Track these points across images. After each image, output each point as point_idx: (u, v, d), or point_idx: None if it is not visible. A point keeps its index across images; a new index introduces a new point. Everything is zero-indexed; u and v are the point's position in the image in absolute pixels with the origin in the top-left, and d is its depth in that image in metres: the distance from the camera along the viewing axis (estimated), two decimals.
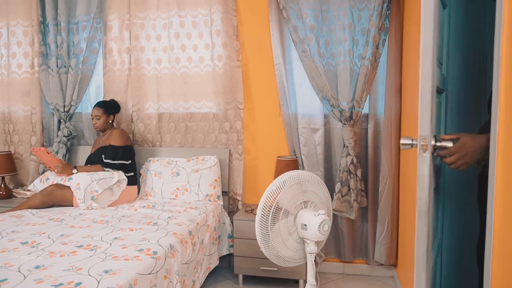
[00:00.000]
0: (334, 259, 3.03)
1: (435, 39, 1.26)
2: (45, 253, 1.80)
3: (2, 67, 3.44)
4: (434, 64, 1.26)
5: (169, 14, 3.10)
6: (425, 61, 1.24)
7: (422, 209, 1.25)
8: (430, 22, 1.26)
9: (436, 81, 1.34)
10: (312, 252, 1.81)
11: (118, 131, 2.98)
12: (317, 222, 1.73)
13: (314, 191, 1.87)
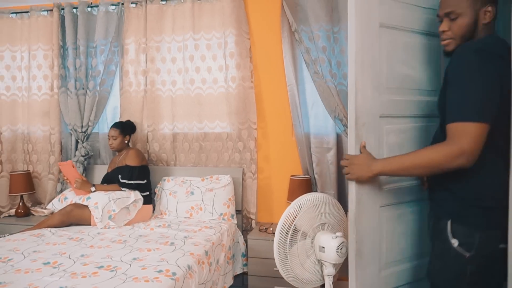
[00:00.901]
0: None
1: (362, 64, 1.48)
2: (67, 274, 1.84)
3: (22, 89, 3.55)
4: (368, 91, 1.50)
5: (184, 37, 3.20)
6: (353, 92, 1.48)
7: (352, 219, 1.49)
8: (352, 49, 1.47)
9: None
10: (330, 274, 1.83)
11: (134, 151, 3.05)
12: (335, 245, 1.75)
13: (331, 213, 1.90)
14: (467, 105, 1.17)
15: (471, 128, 1.15)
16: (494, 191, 1.23)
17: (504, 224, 1.17)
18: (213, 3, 3.13)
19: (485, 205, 1.23)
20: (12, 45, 3.57)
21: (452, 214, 1.28)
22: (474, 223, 1.23)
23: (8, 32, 3.56)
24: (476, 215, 1.23)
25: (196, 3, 3.16)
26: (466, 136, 1.15)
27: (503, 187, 1.18)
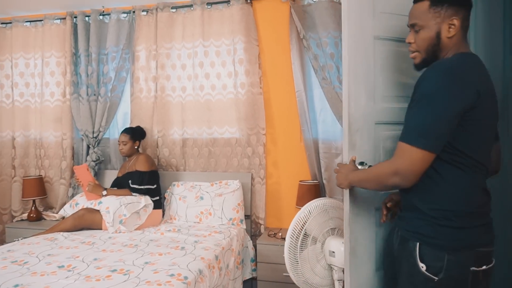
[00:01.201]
0: None
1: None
2: (82, 277, 1.88)
3: (35, 96, 3.63)
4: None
5: (194, 44, 3.25)
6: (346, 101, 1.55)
7: (346, 220, 1.54)
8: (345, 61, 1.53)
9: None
10: (340, 279, 1.84)
11: (144, 157, 3.09)
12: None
13: (341, 218, 1.92)
14: (415, 129, 1.15)
15: (411, 151, 1.14)
16: (463, 210, 1.16)
17: (476, 245, 1.13)
18: (222, 10, 3.18)
19: (454, 225, 1.15)
20: (26, 52, 3.65)
21: (420, 235, 1.21)
22: (442, 245, 1.16)
23: (23, 40, 3.64)
24: (444, 236, 1.16)
25: (205, 11, 3.21)
26: (404, 158, 1.15)
27: (473, 206, 1.15)
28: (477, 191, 1.18)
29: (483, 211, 1.19)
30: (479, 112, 1.13)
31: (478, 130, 1.16)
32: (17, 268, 2.01)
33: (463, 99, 1.12)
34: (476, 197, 1.18)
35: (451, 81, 1.13)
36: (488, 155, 1.23)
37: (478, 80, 1.16)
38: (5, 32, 3.71)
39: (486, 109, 1.16)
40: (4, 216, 3.70)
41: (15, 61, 3.67)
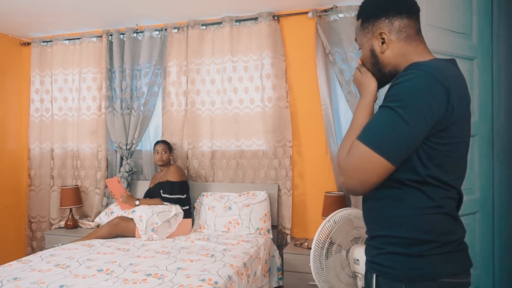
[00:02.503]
0: None
1: None
2: (120, 280, 2.00)
3: (73, 110, 3.84)
4: None
5: (223, 60, 3.39)
6: None
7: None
8: None
9: None
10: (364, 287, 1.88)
11: (175, 168, 3.23)
12: None
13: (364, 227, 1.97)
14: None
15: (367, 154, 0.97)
16: (422, 238, 1.00)
17: (438, 274, 0.99)
18: (250, 27, 3.32)
19: (412, 253, 1.00)
20: (65, 68, 3.88)
21: (376, 266, 1.08)
22: (398, 275, 1.01)
23: (62, 57, 3.88)
24: (401, 265, 1.01)
25: (234, 28, 3.35)
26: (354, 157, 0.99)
27: (434, 234, 1.00)
28: (440, 218, 1.01)
29: (448, 239, 1.01)
30: (450, 129, 0.98)
31: (456, 153, 1.01)
32: (60, 270, 2.15)
33: (437, 106, 0.95)
34: (440, 224, 1.01)
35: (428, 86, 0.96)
36: (461, 178, 1.07)
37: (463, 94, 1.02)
38: (46, 50, 3.96)
39: (458, 125, 0.99)
40: (42, 223, 3.91)
41: (54, 77, 3.90)
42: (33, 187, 3.94)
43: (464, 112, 1.00)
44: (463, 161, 1.06)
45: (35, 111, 3.96)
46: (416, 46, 1.09)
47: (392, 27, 1.08)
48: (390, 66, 1.12)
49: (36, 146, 3.94)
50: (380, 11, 1.09)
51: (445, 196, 1.02)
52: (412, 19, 1.09)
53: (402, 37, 1.08)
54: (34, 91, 3.97)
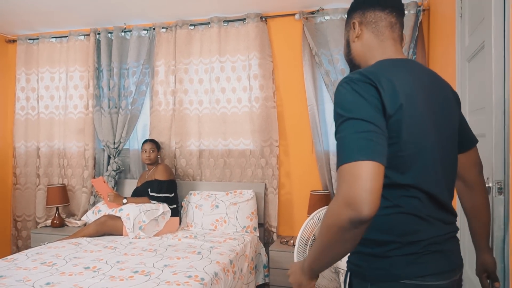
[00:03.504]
0: None
1: None
2: (107, 277, 2.02)
3: (59, 108, 3.83)
4: None
5: (211, 60, 3.42)
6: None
7: (499, 246, 1.40)
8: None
9: None
10: None
11: (163, 167, 3.25)
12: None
13: None
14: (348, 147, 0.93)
15: (354, 169, 0.87)
16: (384, 239, 0.99)
17: (402, 276, 0.97)
18: (238, 28, 3.36)
19: (376, 253, 1.00)
20: (52, 67, 3.86)
21: (350, 265, 1.08)
22: (365, 275, 1.02)
23: (48, 55, 3.86)
24: (367, 265, 1.01)
25: (222, 28, 3.39)
26: (350, 180, 0.87)
27: (396, 234, 0.98)
28: (399, 218, 0.98)
29: (411, 239, 0.98)
30: (403, 125, 0.95)
31: (406, 152, 0.97)
32: (47, 268, 2.16)
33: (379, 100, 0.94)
34: (399, 224, 0.99)
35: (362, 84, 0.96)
36: (423, 176, 1.00)
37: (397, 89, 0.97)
38: (32, 48, 3.93)
39: (395, 124, 0.95)
40: (28, 222, 3.88)
41: (41, 75, 3.88)
42: (19, 185, 3.91)
43: (404, 110, 0.95)
44: (418, 160, 0.99)
45: (20, 109, 3.93)
46: (382, 40, 1.12)
47: (363, 17, 1.13)
48: (359, 58, 1.16)
49: (21, 145, 3.91)
50: (357, 6, 1.16)
51: (403, 195, 0.98)
52: (386, 13, 1.12)
53: (371, 28, 1.13)
54: (20, 89, 3.94)
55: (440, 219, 1.02)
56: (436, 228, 1.01)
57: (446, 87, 1.14)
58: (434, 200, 1.01)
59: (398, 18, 1.14)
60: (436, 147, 1.03)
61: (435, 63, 2.74)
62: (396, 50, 1.12)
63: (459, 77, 2.02)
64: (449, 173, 1.09)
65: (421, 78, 1.06)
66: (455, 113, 1.14)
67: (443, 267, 1.00)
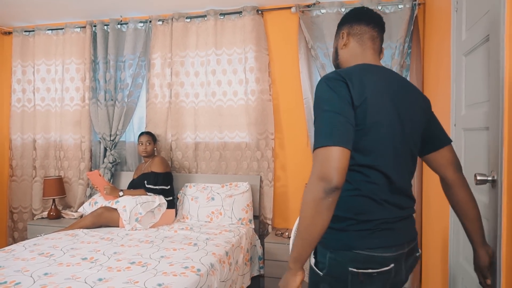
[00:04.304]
0: None
1: None
2: (104, 268, 2.05)
3: (56, 100, 3.83)
4: None
5: (207, 53, 3.42)
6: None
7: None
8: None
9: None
10: None
11: (159, 159, 3.27)
12: None
13: None
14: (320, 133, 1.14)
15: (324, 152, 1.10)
16: (342, 216, 1.17)
17: (353, 246, 1.15)
18: (234, 21, 3.36)
19: (336, 227, 1.18)
20: (48, 59, 3.85)
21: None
22: (326, 243, 1.20)
23: (44, 47, 3.85)
24: (330, 236, 1.18)
25: (218, 21, 3.39)
26: (321, 160, 1.10)
27: (352, 212, 1.17)
28: (357, 199, 1.17)
29: (365, 218, 1.17)
30: (367, 115, 1.15)
31: (369, 137, 1.16)
32: (44, 259, 2.19)
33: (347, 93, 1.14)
34: (356, 205, 1.18)
35: (334, 82, 1.16)
36: (389, 161, 1.19)
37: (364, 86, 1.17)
38: (28, 40, 3.92)
39: (361, 113, 1.14)
40: (24, 214, 3.90)
41: (37, 67, 3.87)
42: (15, 177, 3.92)
43: (368, 102, 1.15)
44: (379, 146, 1.18)
45: (16, 101, 3.93)
46: (364, 49, 1.33)
47: (351, 29, 1.35)
48: (344, 63, 1.37)
49: (17, 137, 3.92)
50: (346, 20, 1.38)
51: (364, 181, 1.17)
52: (370, 27, 1.34)
53: (356, 38, 1.34)
54: (16, 81, 3.93)
55: (396, 204, 1.21)
56: (388, 211, 1.20)
57: (416, 93, 1.33)
58: (392, 185, 1.20)
59: (379, 33, 1.36)
60: (398, 139, 1.22)
61: (430, 57, 2.77)
62: (374, 58, 1.34)
63: (454, 71, 2.04)
64: (410, 164, 1.28)
65: (391, 81, 1.26)
66: (421, 116, 1.32)
67: (391, 242, 1.19)
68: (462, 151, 1.95)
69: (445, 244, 2.18)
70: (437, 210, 2.44)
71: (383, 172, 1.18)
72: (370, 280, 1.16)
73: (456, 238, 2.00)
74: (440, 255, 2.33)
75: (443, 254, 2.25)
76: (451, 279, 2.05)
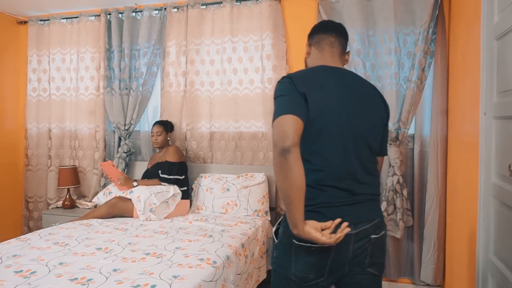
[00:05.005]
0: None
1: None
2: (119, 258, 2.00)
3: (71, 90, 3.80)
4: None
5: (223, 40, 3.34)
6: None
7: None
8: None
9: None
10: None
11: (174, 148, 3.21)
12: None
13: None
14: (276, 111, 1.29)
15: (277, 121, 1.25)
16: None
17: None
18: (251, 7, 3.26)
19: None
20: (63, 48, 3.83)
21: (283, 214, 1.42)
22: (284, 218, 1.36)
23: (59, 36, 3.82)
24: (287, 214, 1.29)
25: (235, 8, 3.30)
26: (275, 128, 1.27)
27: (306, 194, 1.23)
28: (307, 188, 1.23)
29: (308, 203, 1.25)
30: (311, 108, 1.28)
31: (314, 126, 1.29)
32: (59, 248, 2.16)
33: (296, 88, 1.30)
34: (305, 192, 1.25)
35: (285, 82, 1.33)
36: (337, 151, 1.31)
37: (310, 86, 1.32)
38: (43, 29, 3.90)
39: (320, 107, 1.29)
40: (40, 203, 3.91)
41: (52, 56, 3.85)
42: (30, 167, 3.93)
43: (312, 97, 1.29)
44: (324, 136, 1.31)
45: (32, 90, 3.92)
46: (323, 54, 1.49)
47: (312, 40, 1.54)
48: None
49: (33, 126, 3.92)
50: (310, 34, 1.58)
51: (309, 169, 1.27)
52: (327, 34, 1.50)
53: (317, 45, 1.52)
54: (31, 70, 3.92)
55: (344, 189, 1.33)
56: (333, 195, 1.32)
57: (375, 95, 1.47)
58: (339, 172, 1.33)
59: (337, 38, 1.50)
60: (347, 132, 1.33)
61: (456, 43, 2.63)
62: (333, 60, 1.48)
63: (484, 57, 1.92)
64: (366, 154, 1.38)
65: (345, 81, 1.40)
66: (380, 115, 1.46)
67: (323, 220, 1.28)
68: (493, 140, 1.84)
69: (472, 239, 2.08)
70: (464, 205, 2.33)
71: (328, 159, 1.31)
72: (309, 252, 1.30)
73: (486, 233, 1.89)
74: (466, 251, 2.23)
75: (470, 249, 2.15)
76: (479, 275, 1.95)
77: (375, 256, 1.38)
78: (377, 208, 1.44)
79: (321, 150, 1.31)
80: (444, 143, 2.84)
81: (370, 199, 1.39)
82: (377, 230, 1.39)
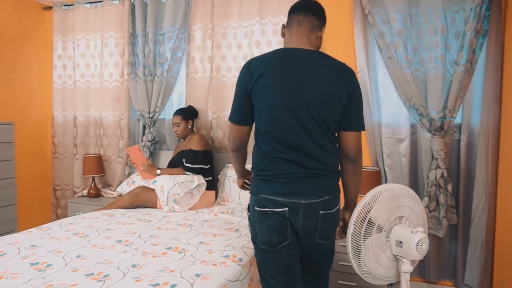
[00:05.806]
0: (417, 278, 2.83)
1: None
2: (139, 253, 1.87)
3: (95, 76, 3.72)
4: None
5: (251, 23, 3.14)
6: None
7: None
8: None
9: None
10: (407, 271, 1.69)
11: (198, 136, 3.06)
12: (415, 240, 1.61)
13: (409, 206, 1.75)
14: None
15: (229, 125, 1.64)
16: (253, 168, 1.58)
17: (257, 191, 1.54)
18: None
19: (253, 178, 1.60)
20: (87, 33, 3.74)
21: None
22: (251, 190, 1.59)
23: (84, 22, 3.73)
24: (252, 185, 1.60)
25: None
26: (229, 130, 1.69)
27: (257, 168, 1.55)
28: (261, 158, 1.53)
29: (263, 172, 1.52)
30: (259, 93, 1.48)
31: (262, 108, 1.49)
32: (79, 240, 2.05)
33: (244, 82, 1.51)
34: (259, 162, 1.54)
35: (241, 71, 1.55)
36: (284, 129, 1.46)
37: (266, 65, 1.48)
38: (68, 14, 3.82)
39: (256, 90, 1.48)
40: (67, 191, 3.88)
41: (77, 42, 3.77)
42: (57, 154, 3.89)
43: (260, 80, 1.47)
44: (271, 116, 1.48)
45: (57, 77, 3.87)
46: (291, 34, 1.58)
47: (286, 22, 1.63)
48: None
49: (59, 114, 3.87)
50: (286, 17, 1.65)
51: (264, 143, 1.51)
52: (296, 14, 1.57)
53: (288, 27, 1.61)
54: (57, 57, 3.86)
55: (297, 163, 1.48)
56: (285, 167, 1.48)
57: (334, 72, 1.49)
58: (289, 147, 1.47)
59: (306, 16, 1.55)
60: (298, 109, 1.45)
61: None
62: (298, 40, 1.56)
63: None
64: (318, 131, 1.47)
65: (303, 62, 1.48)
66: (331, 92, 1.47)
67: (284, 190, 1.48)
68: None
69: None
70: None
71: (277, 136, 1.47)
72: (267, 216, 1.49)
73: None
74: None
75: None
76: None
77: (323, 230, 1.53)
78: (329, 185, 1.53)
79: (268, 126, 1.48)
80: (496, 134, 2.55)
81: (323, 175, 1.50)
82: (325, 206, 1.50)
